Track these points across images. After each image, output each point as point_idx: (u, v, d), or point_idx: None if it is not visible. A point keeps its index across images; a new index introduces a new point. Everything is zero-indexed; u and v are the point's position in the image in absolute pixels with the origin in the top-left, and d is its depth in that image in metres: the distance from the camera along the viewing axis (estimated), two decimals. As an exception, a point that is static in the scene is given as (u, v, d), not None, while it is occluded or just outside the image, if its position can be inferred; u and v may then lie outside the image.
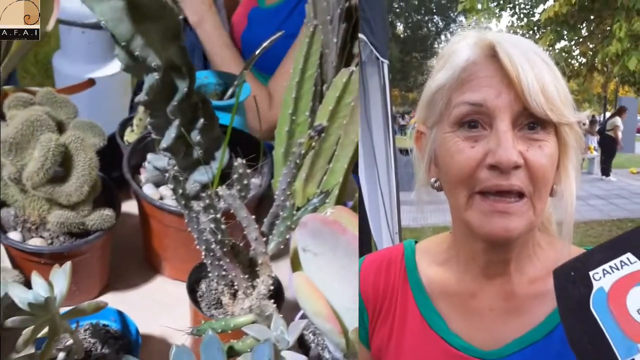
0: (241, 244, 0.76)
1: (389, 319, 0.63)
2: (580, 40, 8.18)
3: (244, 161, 0.69)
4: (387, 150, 2.26)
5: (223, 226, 0.70)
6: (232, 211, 0.73)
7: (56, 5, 0.95)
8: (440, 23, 14.86)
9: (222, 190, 0.71)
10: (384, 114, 2.24)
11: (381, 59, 2.11)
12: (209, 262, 0.81)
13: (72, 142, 0.80)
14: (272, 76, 1.52)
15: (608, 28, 7.45)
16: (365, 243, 2.07)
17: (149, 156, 0.93)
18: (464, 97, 0.54)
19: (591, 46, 8.11)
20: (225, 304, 0.85)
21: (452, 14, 14.02)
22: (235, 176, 0.70)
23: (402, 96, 14.53)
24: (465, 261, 0.60)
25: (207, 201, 0.71)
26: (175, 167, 0.69)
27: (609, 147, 6.90)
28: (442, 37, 14.74)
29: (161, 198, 0.95)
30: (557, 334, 0.56)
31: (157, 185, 0.97)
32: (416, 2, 14.47)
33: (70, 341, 0.77)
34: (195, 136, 0.84)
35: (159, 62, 0.73)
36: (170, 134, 0.82)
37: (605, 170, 6.87)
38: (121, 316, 0.85)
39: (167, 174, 0.92)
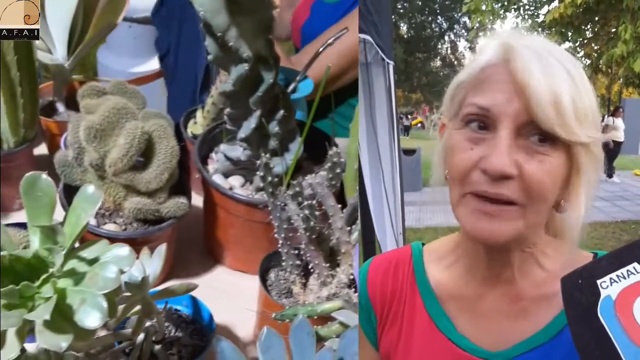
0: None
1: (398, 321, 0.64)
2: (585, 41, 8.21)
3: (338, 149, 0.70)
4: (391, 151, 2.25)
5: (317, 212, 0.71)
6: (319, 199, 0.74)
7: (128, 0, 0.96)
8: (444, 24, 14.84)
9: (311, 178, 0.72)
10: (389, 115, 2.22)
11: (387, 60, 2.10)
12: (285, 250, 0.83)
13: (156, 130, 0.82)
14: (301, 50, 1.54)
15: (613, 30, 7.47)
16: (369, 244, 2.08)
17: (222, 146, 0.94)
18: (474, 99, 0.54)
19: (595, 48, 8.13)
20: (295, 293, 0.86)
21: (455, 15, 14.02)
22: (328, 165, 0.72)
23: (405, 97, 14.54)
24: (471, 263, 0.60)
25: (297, 189, 0.72)
26: (267, 155, 0.70)
27: (606, 148, 6.90)
28: (446, 37, 14.75)
29: (230, 188, 0.96)
30: (563, 337, 0.56)
31: (226, 175, 0.98)
32: (420, 3, 14.45)
33: (149, 322, 0.78)
34: (274, 127, 0.85)
35: (250, 54, 0.75)
36: (250, 124, 0.83)
37: (607, 171, 6.89)
38: (194, 302, 0.86)
39: (242, 163, 0.94)
